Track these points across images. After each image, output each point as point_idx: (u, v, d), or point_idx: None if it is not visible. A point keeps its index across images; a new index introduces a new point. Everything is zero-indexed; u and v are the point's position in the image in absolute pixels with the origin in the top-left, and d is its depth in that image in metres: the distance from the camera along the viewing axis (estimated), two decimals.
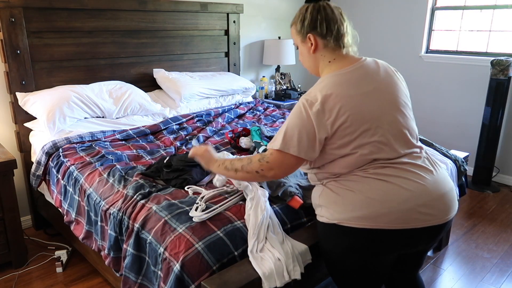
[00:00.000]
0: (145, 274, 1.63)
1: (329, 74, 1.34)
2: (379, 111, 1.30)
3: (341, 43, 1.37)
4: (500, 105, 3.35)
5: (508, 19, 3.51)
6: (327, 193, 1.37)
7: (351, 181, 1.31)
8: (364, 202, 1.26)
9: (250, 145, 2.39)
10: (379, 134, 1.28)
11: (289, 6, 4.20)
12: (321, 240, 1.45)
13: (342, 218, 1.29)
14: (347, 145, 1.28)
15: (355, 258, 1.35)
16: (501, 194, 3.47)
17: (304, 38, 1.39)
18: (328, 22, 1.35)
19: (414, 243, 1.32)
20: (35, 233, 2.77)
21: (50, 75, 2.67)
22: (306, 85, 4.61)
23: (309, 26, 1.36)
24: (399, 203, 1.25)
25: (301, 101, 1.31)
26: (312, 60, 1.42)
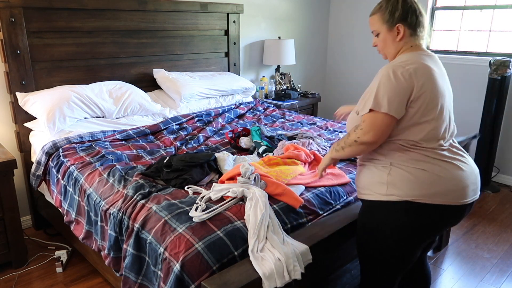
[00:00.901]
0: (145, 274, 1.63)
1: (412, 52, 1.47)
2: (447, 94, 1.47)
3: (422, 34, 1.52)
4: (499, 104, 3.35)
5: (508, 19, 3.51)
6: (398, 172, 1.44)
7: (420, 160, 1.42)
8: (436, 180, 1.40)
9: (250, 145, 2.39)
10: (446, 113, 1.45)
11: (289, 6, 4.20)
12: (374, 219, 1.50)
13: (417, 194, 1.40)
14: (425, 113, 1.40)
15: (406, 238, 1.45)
16: (501, 194, 3.47)
17: (391, 27, 1.49)
18: (417, 15, 1.48)
19: (460, 217, 1.52)
20: (35, 233, 2.77)
21: (50, 75, 2.67)
22: (306, 85, 4.61)
23: (400, 17, 1.47)
24: (460, 181, 1.43)
25: (388, 69, 1.40)
26: (394, 47, 1.52)
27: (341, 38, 4.59)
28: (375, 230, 1.50)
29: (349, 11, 4.44)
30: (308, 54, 4.55)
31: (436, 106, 1.40)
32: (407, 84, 1.37)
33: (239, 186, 1.73)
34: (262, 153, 2.27)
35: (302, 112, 3.95)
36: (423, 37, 1.52)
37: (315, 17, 4.49)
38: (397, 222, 1.44)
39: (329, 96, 4.81)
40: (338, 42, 4.64)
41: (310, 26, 4.47)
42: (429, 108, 1.40)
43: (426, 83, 1.38)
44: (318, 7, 4.48)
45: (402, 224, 1.44)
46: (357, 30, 4.39)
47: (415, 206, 1.40)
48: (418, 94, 1.38)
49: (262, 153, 2.28)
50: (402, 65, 1.40)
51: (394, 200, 1.43)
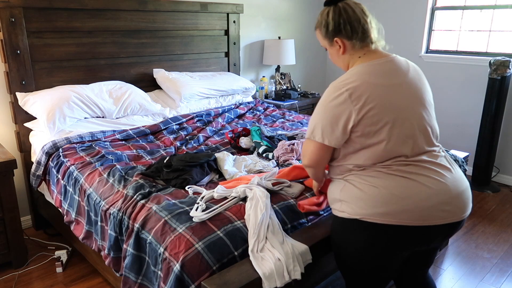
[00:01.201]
0: (145, 274, 1.63)
1: (359, 65, 1.36)
2: (406, 104, 1.31)
3: (369, 40, 1.39)
4: (498, 104, 3.35)
5: (508, 19, 3.51)
6: (349, 188, 1.37)
7: (374, 177, 1.32)
8: (388, 198, 1.28)
9: (250, 145, 2.39)
10: (405, 127, 1.30)
11: (289, 6, 4.20)
12: (337, 235, 1.45)
13: (365, 213, 1.31)
14: (373, 134, 1.29)
15: (371, 254, 1.36)
16: (501, 194, 3.47)
17: (331, 42, 1.42)
18: (352, 23, 1.36)
19: (430, 240, 1.35)
20: (35, 233, 2.77)
21: (50, 75, 2.67)
22: (306, 85, 4.61)
23: (334, 31, 1.38)
24: (421, 200, 1.27)
25: (330, 87, 1.33)
26: (342, 61, 1.44)
27: None
28: (340, 246, 1.45)
29: None
30: (308, 54, 4.55)
31: (386, 124, 1.27)
32: (343, 111, 1.27)
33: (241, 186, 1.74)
34: (262, 153, 2.27)
35: (302, 112, 3.95)
36: (372, 42, 1.39)
37: (315, 17, 4.47)
38: (353, 240, 1.37)
39: None
40: None
41: (310, 26, 4.47)
42: (377, 128, 1.28)
43: (367, 103, 1.26)
44: (318, 7, 4.48)
45: (359, 241, 1.35)
46: None
47: (366, 225, 1.30)
48: (358, 118, 1.27)
49: (262, 153, 2.28)
50: (342, 85, 1.30)
51: (345, 217, 1.36)
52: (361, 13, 1.38)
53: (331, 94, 1.31)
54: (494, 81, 3.30)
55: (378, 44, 1.41)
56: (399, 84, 1.32)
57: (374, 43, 1.40)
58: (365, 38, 1.38)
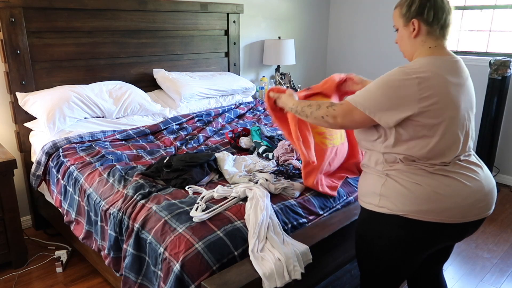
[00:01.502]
0: (145, 274, 1.63)
1: (430, 56, 1.35)
2: (463, 106, 1.34)
3: (446, 33, 1.38)
4: (497, 105, 3.35)
5: (508, 19, 3.51)
6: (392, 184, 1.36)
7: (418, 175, 1.33)
8: (431, 196, 1.30)
9: (250, 145, 2.39)
10: (457, 127, 1.33)
11: (289, 6, 4.20)
12: (368, 230, 1.44)
13: (408, 210, 1.32)
14: (430, 127, 1.30)
15: (403, 250, 1.38)
16: (501, 194, 3.47)
17: (407, 22, 1.38)
18: (437, 10, 1.34)
19: (463, 235, 1.40)
20: (35, 233, 2.77)
21: (50, 75, 2.67)
22: (306, 85, 4.59)
23: (416, 11, 1.35)
24: (462, 198, 1.31)
25: (398, 71, 1.31)
26: (410, 45, 1.41)
27: (341, 38, 4.59)
28: (369, 240, 1.45)
29: (349, 11, 4.44)
30: (308, 54, 4.55)
31: (444, 120, 1.29)
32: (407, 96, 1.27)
33: (241, 186, 1.74)
34: (262, 153, 2.27)
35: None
36: (445, 37, 1.38)
37: (315, 17, 4.49)
38: (387, 235, 1.38)
39: None
40: (338, 42, 4.64)
41: (310, 26, 4.47)
42: (436, 122, 1.29)
43: (433, 95, 1.27)
44: (318, 7, 4.48)
45: (392, 237, 1.37)
46: (357, 30, 4.39)
47: (406, 221, 1.32)
48: (421, 109, 1.27)
49: (262, 153, 2.28)
50: (412, 72, 1.28)
51: (385, 212, 1.36)
52: (448, 6, 1.37)
53: (399, 76, 1.29)
54: (494, 81, 3.30)
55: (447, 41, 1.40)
56: (462, 84, 1.35)
57: (446, 40, 1.39)
58: (444, 29, 1.37)
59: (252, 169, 2.04)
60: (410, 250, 1.37)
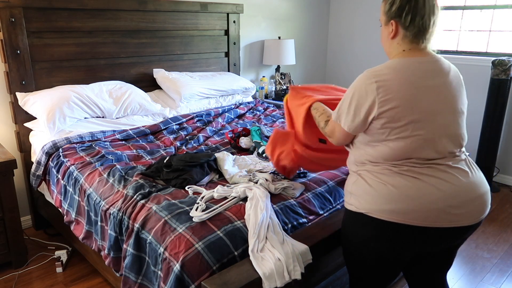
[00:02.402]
0: (145, 274, 1.63)
1: (398, 59, 1.33)
2: (434, 108, 1.29)
3: (422, 38, 1.33)
4: (501, 105, 3.34)
5: (508, 19, 3.51)
6: (360, 183, 1.38)
7: (384, 174, 1.32)
8: (396, 196, 1.28)
9: (250, 145, 2.39)
10: (427, 130, 1.28)
11: (289, 6, 4.20)
12: (344, 227, 1.48)
13: (371, 208, 1.32)
14: (392, 130, 1.28)
15: (375, 250, 1.37)
16: (501, 194, 3.47)
17: (387, 21, 1.37)
18: (415, 14, 1.30)
19: (436, 242, 1.34)
20: (35, 233, 2.77)
21: (50, 75, 2.67)
22: None
23: (395, 12, 1.33)
24: (430, 202, 1.26)
25: (363, 74, 1.32)
26: (388, 44, 1.40)
27: (341, 38, 4.59)
28: (346, 237, 1.48)
29: (349, 11, 4.44)
30: (308, 54, 4.55)
31: (408, 124, 1.26)
32: (367, 100, 1.27)
33: (241, 186, 1.74)
34: (262, 153, 2.27)
35: None
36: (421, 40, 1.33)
37: (315, 17, 4.49)
38: (358, 233, 1.39)
39: None
40: (338, 42, 4.64)
41: (310, 26, 4.47)
42: (397, 126, 1.27)
43: (393, 99, 1.25)
44: (318, 7, 4.48)
45: (362, 235, 1.38)
46: (357, 30, 4.39)
47: (371, 220, 1.32)
48: (380, 111, 1.26)
49: (262, 153, 2.28)
50: (373, 75, 1.28)
51: (352, 210, 1.39)
52: (430, 9, 1.31)
53: (362, 81, 1.31)
54: (497, 81, 3.29)
55: (427, 44, 1.36)
56: (433, 86, 1.29)
57: (425, 43, 1.35)
58: (419, 36, 1.33)
59: (252, 169, 2.04)
60: (384, 249, 1.36)
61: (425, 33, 1.33)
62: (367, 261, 1.42)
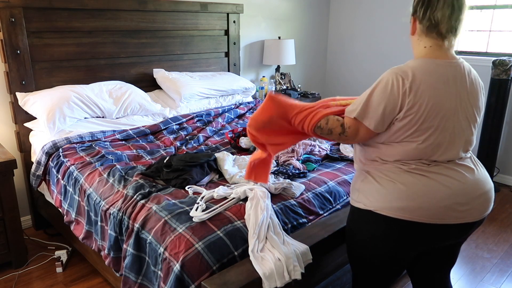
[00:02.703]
0: (145, 274, 1.63)
1: (425, 59, 1.31)
2: (453, 115, 1.29)
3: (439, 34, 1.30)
4: (501, 105, 3.34)
5: (508, 19, 3.51)
6: (369, 180, 1.38)
7: (393, 172, 1.33)
8: (404, 194, 1.29)
9: (250, 145, 2.39)
10: (443, 135, 1.29)
11: (289, 6, 4.19)
12: (350, 225, 1.47)
13: (379, 206, 1.32)
14: (411, 132, 1.28)
15: (382, 247, 1.37)
16: (501, 194, 3.47)
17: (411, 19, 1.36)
18: (427, 9, 1.29)
19: (443, 238, 1.35)
20: (35, 233, 2.77)
21: (50, 75, 2.67)
22: (306, 85, 4.61)
23: (414, 8, 1.34)
24: (438, 199, 1.27)
25: (391, 74, 1.28)
26: (412, 42, 1.38)
27: (341, 38, 4.59)
28: (351, 234, 1.46)
29: (349, 11, 4.44)
30: (308, 54, 4.55)
31: (428, 129, 1.27)
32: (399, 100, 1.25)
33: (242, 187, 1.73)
34: None
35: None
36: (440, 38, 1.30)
37: (315, 17, 4.49)
38: (364, 231, 1.39)
39: (329, 96, 4.80)
40: (338, 42, 4.64)
41: (310, 26, 4.47)
42: (416, 128, 1.27)
43: (421, 102, 1.25)
44: (318, 7, 4.48)
45: (369, 233, 1.37)
46: (357, 30, 4.39)
47: (379, 217, 1.32)
48: (406, 114, 1.26)
49: None
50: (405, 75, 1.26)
51: (360, 207, 1.38)
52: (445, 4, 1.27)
53: (392, 79, 1.26)
54: (496, 81, 3.29)
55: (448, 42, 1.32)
56: (455, 93, 1.29)
57: (445, 40, 1.31)
58: (432, 29, 1.30)
59: None
60: (390, 247, 1.36)
61: (438, 26, 1.28)
62: (373, 259, 1.42)
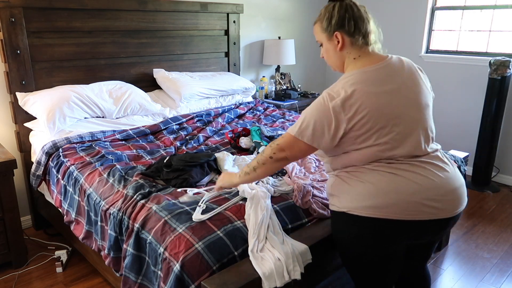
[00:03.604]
0: (145, 274, 1.63)
1: (354, 71, 1.36)
2: (399, 110, 1.32)
3: (368, 41, 1.40)
4: (498, 105, 3.35)
5: (508, 19, 3.51)
6: (338, 183, 1.42)
7: (360, 172, 1.36)
8: (373, 192, 1.32)
9: (250, 145, 2.39)
10: (396, 132, 1.31)
11: (289, 6, 4.20)
12: (332, 227, 1.52)
13: (350, 206, 1.36)
14: (363, 140, 1.32)
15: (363, 247, 1.40)
16: (501, 194, 3.47)
17: (330, 36, 1.42)
18: (356, 20, 1.38)
19: (420, 235, 1.37)
20: (35, 233, 2.77)
21: (50, 75, 2.67)
22: (306, 85, 4.61)
23: (337, 24, 1.39)
24: (406, 195, 1.30)
25: (323, 94, 1.35)
26: (337, 57, 1.44)
27: None
28: (335, 237, 1.51)
29: None
30: (308, 54, 4.55)
31: (378, 130, 1.30)
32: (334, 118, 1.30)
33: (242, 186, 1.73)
34: None
35: (302, 112, 3.94)
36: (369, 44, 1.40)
37: (315, 17, 4.47)
38: (351, 233, 1.40)
39: None
40: None
41: (310, 26, 4.46)
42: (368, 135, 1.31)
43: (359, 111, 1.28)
44: (318, 7, 4.47)
45: (356, 234, 1.39)
46: None
47: (353, 218, 1.35)
48: (349, 126, 1.30)
49: None
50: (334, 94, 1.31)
51: (335, 210, 1.43)
52: (365, 14, 1.41)
53: (325, 101, 1.32)
54: (494, 81, 3.30)
55: (375, 46, 1.43)
56: (394, 89, 1.33)
57: (371, 45, 1.41)
58: (365, 37, 1.39)
59: None
60: (370, 245, 1.38)
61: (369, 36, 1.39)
62: (359, 258, 1.44)
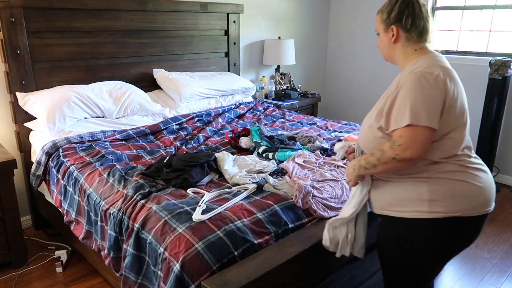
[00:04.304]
0: (145, 274, 1.63)
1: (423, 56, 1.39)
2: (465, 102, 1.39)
3: (424, 38, 1.43)
4: (498, 105, 3.35)
5: (508, 19, 3.51)
6: (438, 188, 1.33)
7: (458, 172, 1.34)
8: (478, 190, 1.35)
9: (250, 145, 2.39)
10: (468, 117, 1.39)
11: (289, 6, 4.20)
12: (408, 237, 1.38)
13: (462, 209, 1.32)
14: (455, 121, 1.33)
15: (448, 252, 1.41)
16: (501, 194, 3.47)
17: (387, 28, 1.45)
18: (414, 18, 1.40)
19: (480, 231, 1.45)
20: (35, 233, 2.77)
21: (50, 75, 2.67)
22: (306, 85, 4.61)
23: (395, 18, 1.42)
24: (493, 188, 1.40)
25: (417, 74, 1.30)
26: (390, 49, 1.48)
27: (341, 38, 4.59)
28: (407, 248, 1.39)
29: (349, 11, 4.44)
30: (308, 54, 4.55)
31: (465, 112, 1.35)
32: (441, 92, 1.27)
33: None
34: (262, 153, 2.27)
35: (302, 112, 3.95)
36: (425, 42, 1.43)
37: (315, 17, 4.49)
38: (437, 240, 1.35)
39: (329, 96, 4.81)
40: (338, 42, 4.64)
41: (310, 26, 4.47)
42: (459, 115, 1.33)
43: (455, 88, 1.32)
44: (318, 7, 4.48)
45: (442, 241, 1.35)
46: (357, 30, 4.39)
47: (460, 221, 1.32)
48: (451, 102, 1.29)
49: (262, 153, 2.28)
50: (428, 71, 1.29)
51: (439, 217, 1.31)
52: (426, 13, 1.42)
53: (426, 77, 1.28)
54: (495, 81, 3.30)
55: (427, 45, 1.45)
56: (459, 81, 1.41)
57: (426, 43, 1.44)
58: (423, 35, 1.42)
59: (252, 169, 2.04)
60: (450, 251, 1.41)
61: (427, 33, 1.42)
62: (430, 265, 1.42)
